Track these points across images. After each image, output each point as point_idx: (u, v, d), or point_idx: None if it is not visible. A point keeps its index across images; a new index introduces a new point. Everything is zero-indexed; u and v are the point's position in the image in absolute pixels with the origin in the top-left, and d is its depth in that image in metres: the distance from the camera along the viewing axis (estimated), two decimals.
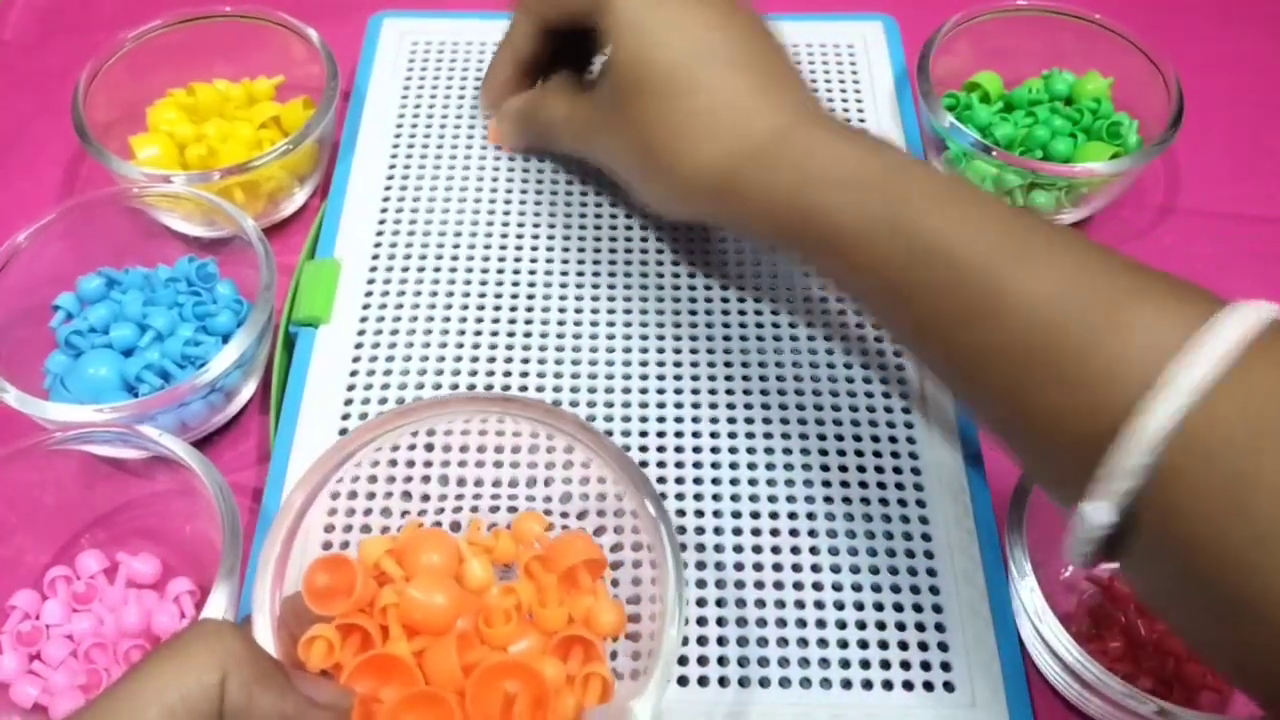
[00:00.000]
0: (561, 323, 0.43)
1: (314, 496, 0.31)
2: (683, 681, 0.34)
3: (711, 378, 0.41)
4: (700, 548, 0.37)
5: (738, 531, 0.37)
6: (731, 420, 0.40)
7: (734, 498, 0.38)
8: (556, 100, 0.44)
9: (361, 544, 0.31)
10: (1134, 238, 0.49)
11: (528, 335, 0.42)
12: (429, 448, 0.38)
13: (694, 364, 0.42)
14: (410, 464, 0.38)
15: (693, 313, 0.43)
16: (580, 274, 0.44)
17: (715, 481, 0.39)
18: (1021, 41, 0.50)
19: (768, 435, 0.40)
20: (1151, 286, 0.27)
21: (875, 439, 0.40)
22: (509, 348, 0.42)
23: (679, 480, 0.39)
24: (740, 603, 0.36)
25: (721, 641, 0.35)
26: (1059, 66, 0.51)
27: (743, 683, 0.34)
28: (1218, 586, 0.24)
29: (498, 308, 0.43)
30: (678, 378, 0.41)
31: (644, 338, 0.42)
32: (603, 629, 0.30)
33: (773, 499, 0.38)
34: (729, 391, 0.41)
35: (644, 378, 0.41)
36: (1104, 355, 0.26)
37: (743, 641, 0.35)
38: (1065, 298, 0.28)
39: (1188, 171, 0.51)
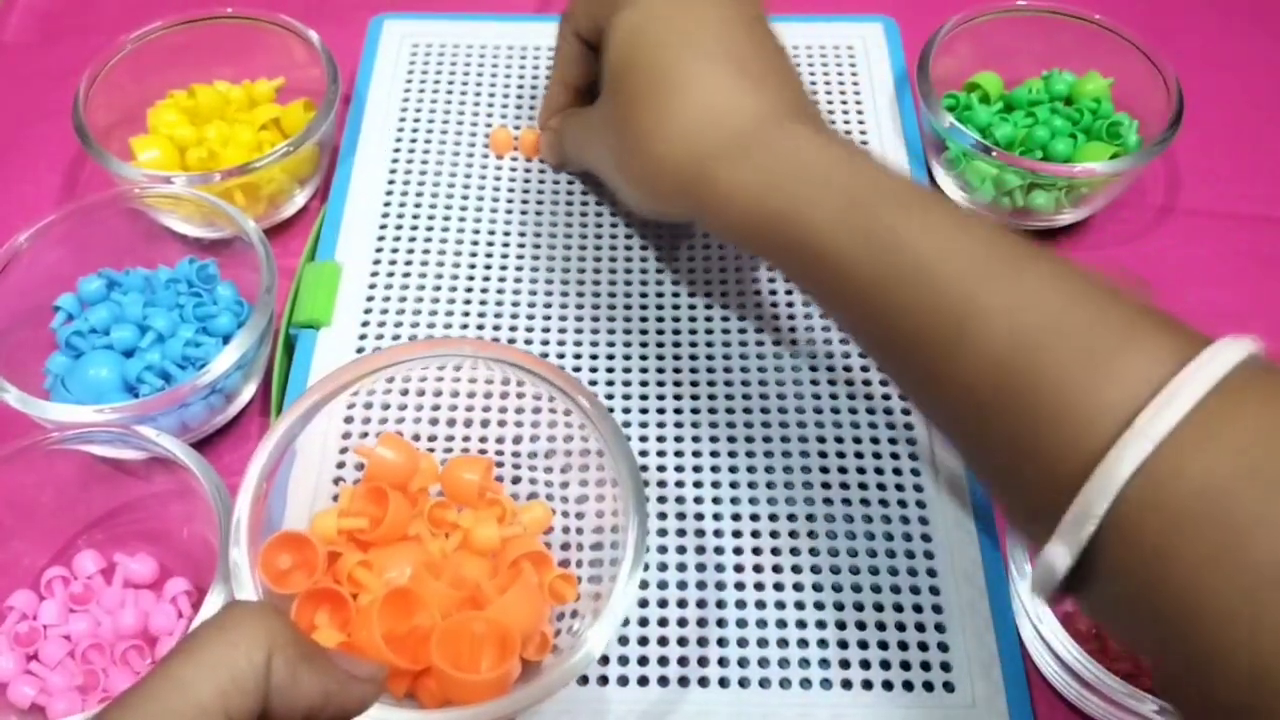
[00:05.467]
0: (563, 330, 0.43)
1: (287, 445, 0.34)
2: (683, 682, 0.34)
3: (711, 384, 0.41)
4: (700, 550, 0.37)
5: (738, 534, 0.37)
6: (731, 425, 0.40)
7: (734, 500, 0.38)
8: (574, 116, 0.44)
9: (315, 519, 0.34)
10: (1134, 238, 0.48)
11: (529, 342, 0.42)
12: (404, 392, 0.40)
13: (693, 370, 0.42)
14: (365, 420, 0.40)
15: (692, 319, 0.43)
16: (581, 279, 0.44)
17: (715, 485, 0.39)
18: (1021, 42, 0.50)
19: (767, 439, 0.40)
20: (1137, 324, 0.25)
21: (875, 440, 0.40)
22: None
23: (679, 484, 0.39)
24: (740, 604, 0.36)
25: (722, 643, 0.35)
26: (1059, 67, 0.51)
27: (743, 683, 0.34)
28: (1173, 621, 0.23)
29: (499, 315, 0.43)
30: (677, 384, 0.41)
31: (644, 344, 0.42)
32: (534, 526, 0.36)
33: (772, 500, 0.38)
34: (729, 397, 0.41)
35: (644, 384, 0.41)
36: (1082, 396, 0.25)
37: (743, 642, 0.35)
38: (1047, 328, 0.26)
39: (1188, 171, 0.51)
